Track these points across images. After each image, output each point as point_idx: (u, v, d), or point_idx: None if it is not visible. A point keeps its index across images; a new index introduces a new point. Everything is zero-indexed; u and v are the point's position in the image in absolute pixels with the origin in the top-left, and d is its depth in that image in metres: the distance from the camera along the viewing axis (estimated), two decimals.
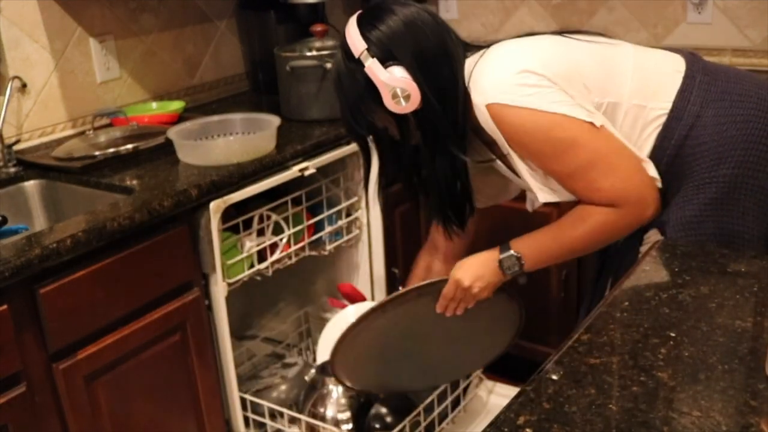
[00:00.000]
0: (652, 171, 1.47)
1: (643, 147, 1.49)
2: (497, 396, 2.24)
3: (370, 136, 1.57)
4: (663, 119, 1.47)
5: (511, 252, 1.53)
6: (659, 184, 1.48)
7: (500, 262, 1.54)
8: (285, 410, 2.13)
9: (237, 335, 2.41)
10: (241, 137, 2.03)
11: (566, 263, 2.26)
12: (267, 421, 2.11)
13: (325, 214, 2.15)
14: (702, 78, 1.50)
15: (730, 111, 1.47)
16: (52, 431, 1.56)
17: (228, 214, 1.89)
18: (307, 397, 2.06)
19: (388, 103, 1.43)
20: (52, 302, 1.50)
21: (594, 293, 1.70)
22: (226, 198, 1.80)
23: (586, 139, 1.43)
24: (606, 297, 1.21)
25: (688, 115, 1.47)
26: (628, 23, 2.68)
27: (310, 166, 2.01)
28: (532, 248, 1.54)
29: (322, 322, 2.33)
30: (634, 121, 1.48)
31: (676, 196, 1.49)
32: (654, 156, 1.48)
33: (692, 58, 1.56)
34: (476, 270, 1.57)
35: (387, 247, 2.31)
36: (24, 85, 2.06)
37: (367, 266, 2.32)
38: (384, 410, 1.95)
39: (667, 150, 1.47)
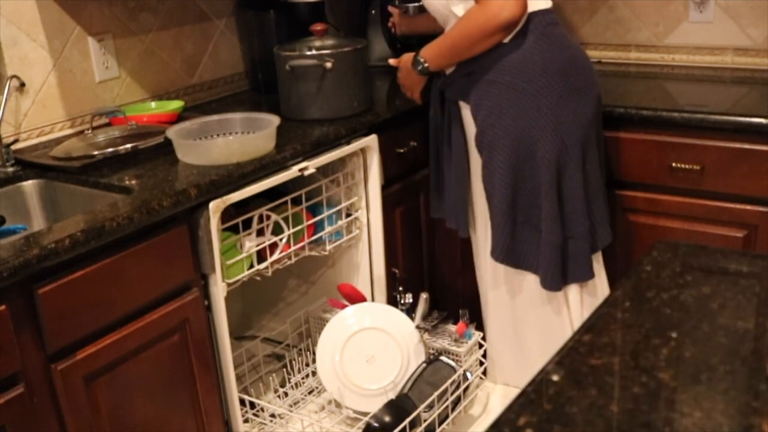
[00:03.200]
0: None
1: None
2: (497, 397, 2.23)
3: None
4: None
5: (418, 57, 2.05)
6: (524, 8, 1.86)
7: (413, 62, 2.06)
8: (285, 410, 2.13)
9: (236, 335, 2.41)
10: (241, 137, 2.03)
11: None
12: (267, 421, 2.10)
13: (325, 214, 2.15)
14: (548, 18, 1.97)
15: (543, 45, 1.93)
16: None
17: (227, 214, 1.88)
18: None
19: None
20: (51, 302, 1.50)
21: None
22: (225, 198, 1.80)
23: None
24: (607, 297, 1.21)
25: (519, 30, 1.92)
26: (630, 22, 2.67)
27: (310, 166, 2.00)
28: (432, 49, 2.03)
29: (322, 322, 2.33)
30: None
31: (484, 88, 1.96)
32: None
33: (552, 10, 2.00)
34: (404, 67, 2.14)
35: (387, 247, 2.31)
36: (22, 84, 2.05)
37: (367, 266, 2.31)
38: (384, 410, 1.94)
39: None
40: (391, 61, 2.19)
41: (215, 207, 1.78)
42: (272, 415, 2.12)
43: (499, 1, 1.84)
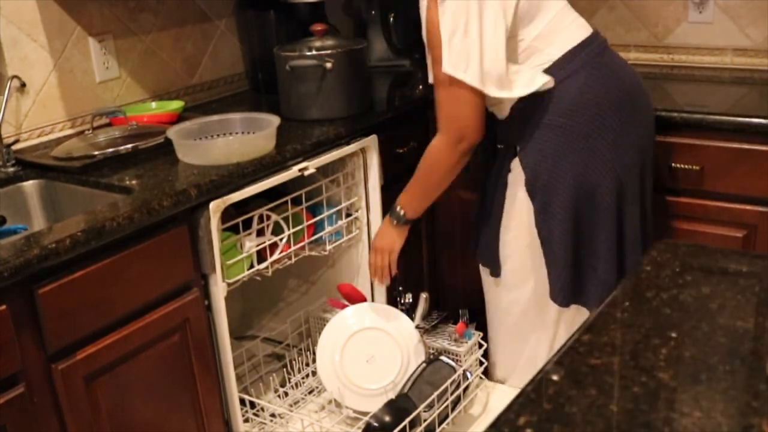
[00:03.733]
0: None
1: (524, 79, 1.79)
2: (497, 396, 2.23)
3: None
4: (548, 64, 1.81)
5: (395, 207, 1.98)
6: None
7: (389, 214, 2.00)
8: (285, 410, 2.13)
9: (237, 335, 2.41)
10: (241, 137, 2.03)
11: None
12: (267, 421, 2.11)
13: (325, 214, 2.15)
14: (595, 48, 1.85)
15: (595, 80, 1.82)
16: None
17: (228, 214, 1.88)
18: None
19: None
20: (51, 302, 1.50)
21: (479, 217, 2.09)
22: (225, 198, 1.80)
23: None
24: (607, 297, 1.21)
25: (567, 67, 1.81)
26: (629, 22, 2.67)
27: (310, 166, 2.01)
28: (406, 195, 1.97)
29: (322, 322, 2.33)
30: (528, 57, 1.81)
31: (534, 132, 1.83)
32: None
33: (596, 34, 1.89)
34: (379, 231, 2.07)
35: None
36: (23, 85, 2.05)
37: (367, 266, 2.31)
38: (384, 410, 1.95)
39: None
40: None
41: (215, 207, 1.78)
42: (272, 415, 2.13)
43: (458, 130, 1.80)
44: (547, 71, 1.81)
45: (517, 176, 1.91)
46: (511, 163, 1.92)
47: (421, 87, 2.50)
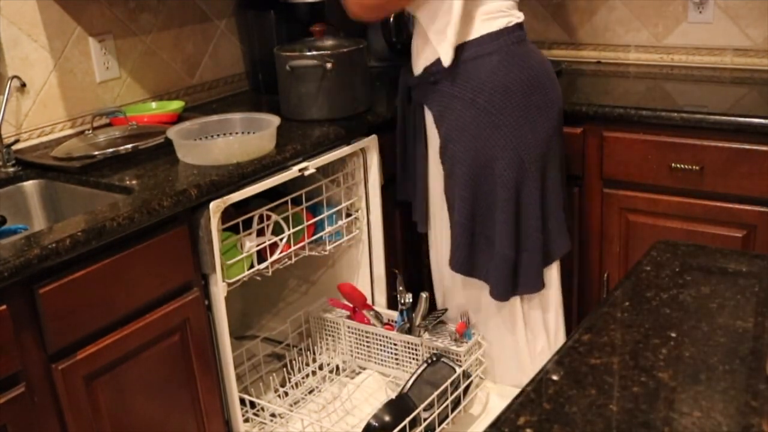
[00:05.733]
0: None
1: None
2: (497, 396, 2.23)
3: None
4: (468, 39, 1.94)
5: None
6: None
7: None
8: (285, 410, 2.13)
9: (237, 335, 2.41)
10: (241, 137, 2.03)
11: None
12: (267, 421, 2.11)
13: (325, 214, 2.15)
14: (513, 37, 1.96)
15: (507, 65, 1.94)
16: None
17: (228, 214, 1.88)
18: None
19: None
20: (52, 302, 1.50)
21: None
22: (225, 198, 1.80)
23: None
24: (607, 297, 1.21)
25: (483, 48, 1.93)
26: (629, 22, 2.67)
27: (310, 166, 2.01)
28: None
29: (322, 322, 2.33)
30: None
31: (447, 102, 1.97)
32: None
33: (520, 26, 2.00)
34: None
35: (387, 247, 2.31)
36: (23, 85, 2.06)
37: (367, 266, 2.32)
38: (384, 410, 1.95)
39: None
40: None
41: (215, 207, 1.78)
42: (272, 415, 2.13)
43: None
44: (465, 45, 1.95)
45: (431, 136, 2.09)
46: (425, 122, 2.09)
47: None
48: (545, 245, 2.06)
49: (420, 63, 2.03)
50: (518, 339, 2.18)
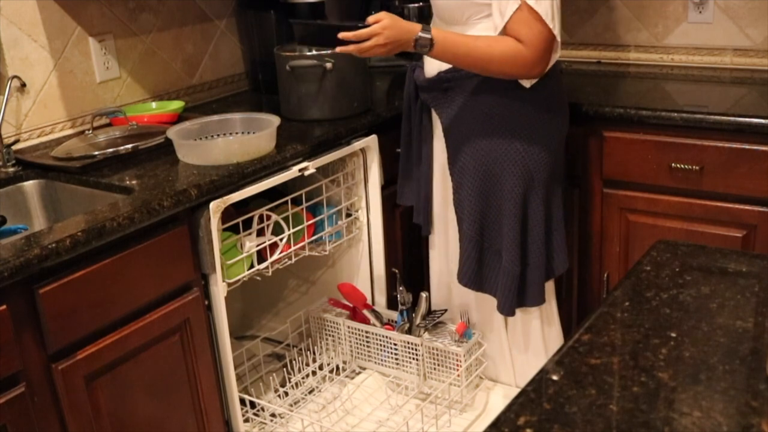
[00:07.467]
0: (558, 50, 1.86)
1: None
2: (497, 396, 2.23)
3: None
4: None
5: (430, 36, 1.78)
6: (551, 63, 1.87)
7: (417, 38, 1.78)
8: (285, 410, 2.13)
9: (237, 335, 2.41)
10: (241, 137, 2.03)
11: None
12: (267, 421, 2.11)
13: (325, 214, 2.15)
14: None
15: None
16: None
17: (228, 214, 1.88)
18: None
19: None
20: (52, 302, 1.50)
21: None
22: (225, 198, 1.80)
23: None
24: (607, 297, 1.21)
25: None
26: (629, 23, 2.67)
27: (310, 166, 2.01)
28: (447, 41, 1.80)
29: (322, 322, 2.33)
30: None
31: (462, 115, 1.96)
32: None
33: None
34: (397, 35, 1.77)
35: (387, 247, 2.31)
36: (23, 85, 2.06)
37: (367, 266, 2.32)
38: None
39: None
40: (370, 19, 1.80)
41: (215, 207, 1.78)
42: (272, 415, 2.13)
43: (538, 58, 1.80)
44: None
45: (437, 144, 2.10)
46: (433, 130, 2.09)
47: None
48: (548, 261, 2.06)
49: (434, 64, 1.98)
50: (518, 339, 2.18)
